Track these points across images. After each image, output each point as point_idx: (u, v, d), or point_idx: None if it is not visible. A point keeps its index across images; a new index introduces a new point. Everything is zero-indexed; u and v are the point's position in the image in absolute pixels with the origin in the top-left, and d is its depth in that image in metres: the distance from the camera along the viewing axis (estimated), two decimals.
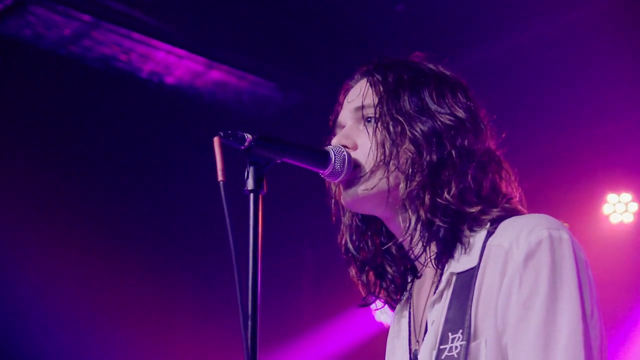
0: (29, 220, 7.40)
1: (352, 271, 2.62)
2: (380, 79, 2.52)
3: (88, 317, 7.75)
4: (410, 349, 2.52)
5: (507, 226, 2.38)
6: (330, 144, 2.53)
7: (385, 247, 2.59)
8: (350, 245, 2.62)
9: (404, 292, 2.62)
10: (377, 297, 2.62)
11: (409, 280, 2.62)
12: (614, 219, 7.51)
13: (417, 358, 2.46)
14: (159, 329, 8.19)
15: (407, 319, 2.59)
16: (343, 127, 2.58)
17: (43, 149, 7.48)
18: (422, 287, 2.54)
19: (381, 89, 2.50)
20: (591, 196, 7.49)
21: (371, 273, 2.60)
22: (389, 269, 2.60)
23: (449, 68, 2.62)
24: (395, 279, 2.60)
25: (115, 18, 6.48)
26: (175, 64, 7.13)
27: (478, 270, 2.34)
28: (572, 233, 2.35)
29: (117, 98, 7.36)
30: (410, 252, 2.49)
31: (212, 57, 7.02)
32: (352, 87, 2.62)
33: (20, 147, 7.34)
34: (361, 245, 2.61)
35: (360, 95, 2.54)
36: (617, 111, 6.88)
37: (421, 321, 2.50)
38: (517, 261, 2.28)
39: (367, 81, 2.55)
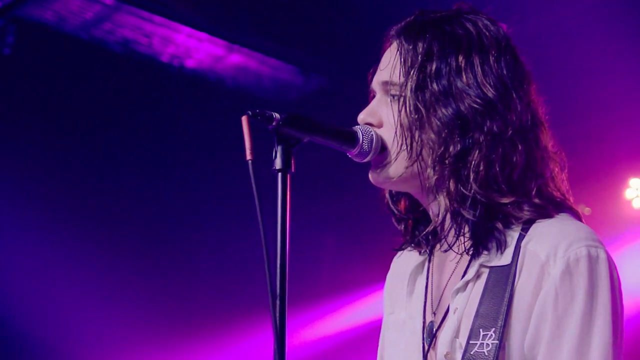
0: (52, 210, 7.46)
1: (393, 219, 2.63)
2: (410, 48, 2.45)
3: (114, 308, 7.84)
4: (424, 318, 2.51)
5: (543, 231, 2.34)
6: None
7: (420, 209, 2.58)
8: (389, 200, 2.62)
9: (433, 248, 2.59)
10: (410, 244, 2.61)
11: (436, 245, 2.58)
12: (637, 204, 7.48)
13: (432, 330, 2.46)
14: (185, 308, 8.26)
15: (423, 285, 2.57)
16: (374, 95, 2.55)
17: (65, 133, 7.53)
18: (445, 261, 2.52)
19: (409, 62, 2.44)
20: (613, 181, 7.45)
21: (409, 222, 2.60)
22: (422, 226, 2.58)
23: (493, 22, 2.50)
24: (428, 235, 2.58)
25: (136, 1, 6.49)
26: (196, 48, 7.14)
27: (514, 270, 2.32)
28: (594, 218, 2.33)
29: (138, 82, 7.38)
30: (444, 239, 2.46)
31: (233, 41, 7.02)
32: (388, 46, 2.55)
33: (42, 132, 7.39)
34: (397, 202, 2.62)
35: (389, 66, 2.49)
36: None
37: (440, 298, 2.49)
38: (554, 277, 2.27)
39: (398, 49, 2.48)
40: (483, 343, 2.29)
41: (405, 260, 2.69)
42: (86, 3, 6.56)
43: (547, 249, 2.29)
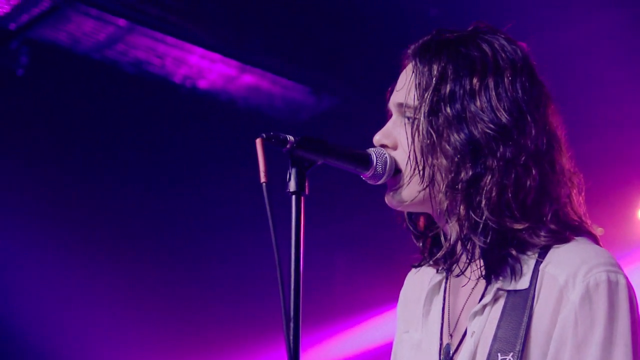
0: (67, 226, 7.49)
1: (411, 235, 2.63)
2: (425, 70, 2.43)
3: (121, 320, 7.83)
4: (441, 340, 2.50)
5: (562, 255, 2.33)
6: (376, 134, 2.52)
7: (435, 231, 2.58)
8: (407, 217, 2.62)
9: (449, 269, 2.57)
10: (428, 262, 2.60)
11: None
12: None
13: (449, 352, 2.45)
14: (194, 326, 8.25)
15: (440, 306, 2.56)
16: (391, 114, 2.54)
17: (77, 153, 7.55)
18: (462, 282, 2.51)
19: (423, 85, 2.42)
20: (626, 201, 7.41)
21: (428, 239, 2.60)
22: (440, 244, 2.58)
23: (510, 42, 2.47)
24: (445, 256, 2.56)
25: (149, 22, 6.52)
26: (209, 68, 7.16)
27: (532, 295, 2.31)
28: (606, 238, 2.32)
29: (150, 102, 7.40)
30: (455, 264, 2.46)
31: (245, 61, 7.04)
32: (405, 64, 2.54)
33: (55, 152, 7.41)
34: (416, 220, 2.62)
35: (404, 87, 2.48)
36: None
37: (457, 320, 2.48)
38: (573, 302, 2.26)
39: (413, 70, 2.47)
40: None
41: (420, 278, 2.68)
42: (99, 24, 6.59)
43: (566, 273, 2.28)
